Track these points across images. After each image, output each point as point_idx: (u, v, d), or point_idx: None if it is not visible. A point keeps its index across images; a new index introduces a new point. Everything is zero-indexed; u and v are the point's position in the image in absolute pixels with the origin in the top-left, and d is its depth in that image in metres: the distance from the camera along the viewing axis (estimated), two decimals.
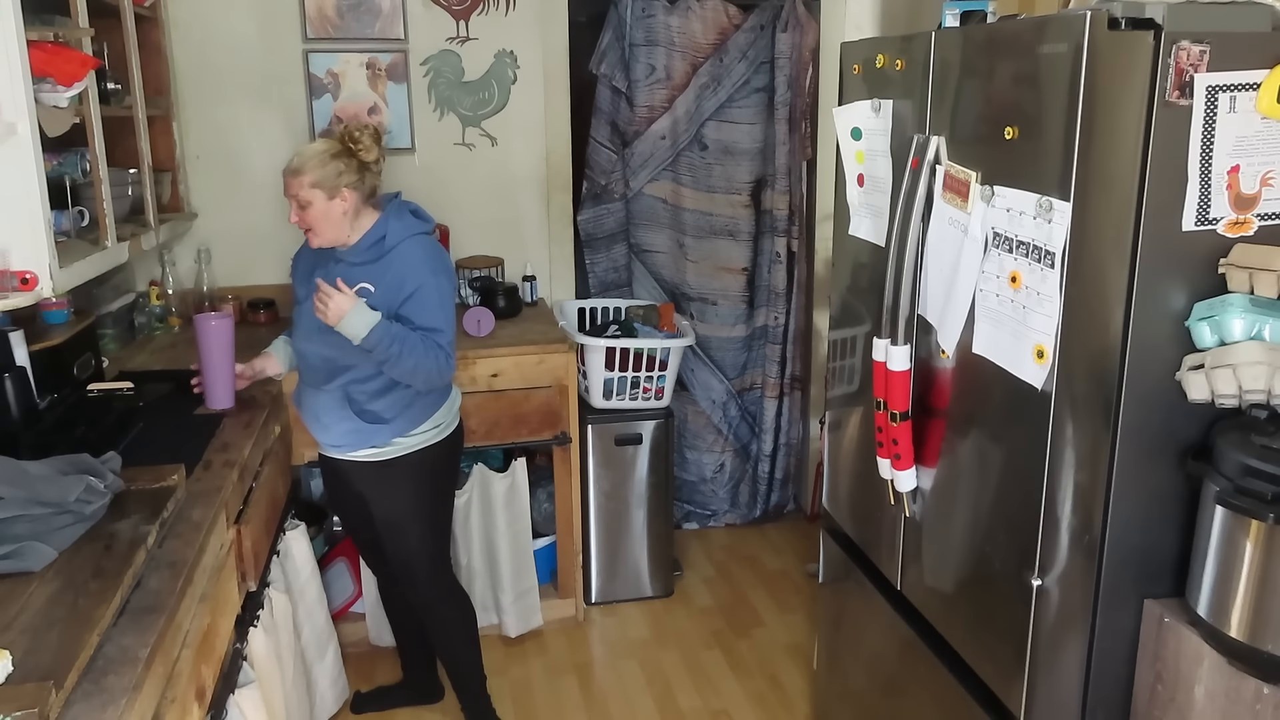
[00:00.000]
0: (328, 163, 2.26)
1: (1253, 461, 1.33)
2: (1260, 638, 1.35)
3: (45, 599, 1.46)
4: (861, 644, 2.32)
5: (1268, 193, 1.42)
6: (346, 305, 2.20)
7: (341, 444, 2.43)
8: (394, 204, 2.39)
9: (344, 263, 2.34)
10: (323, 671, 2.70)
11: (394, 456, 2.41)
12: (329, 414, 2.40)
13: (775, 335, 3.95)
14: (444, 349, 2.30)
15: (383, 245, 2.32)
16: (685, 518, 4.07)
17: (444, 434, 2.48)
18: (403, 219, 2.36)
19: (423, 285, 2.29)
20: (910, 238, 1.85)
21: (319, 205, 2.27)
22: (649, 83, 3.69)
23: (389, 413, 2.37)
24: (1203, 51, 1.35)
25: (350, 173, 2.28)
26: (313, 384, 2.42)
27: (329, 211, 2.28)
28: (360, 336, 2.20)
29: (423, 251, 2.34)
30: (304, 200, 2.27)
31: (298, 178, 2.26)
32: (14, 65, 1.81)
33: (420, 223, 2.40)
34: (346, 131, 2.30)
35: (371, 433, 2.38)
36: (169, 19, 3.16)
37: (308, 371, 2.44)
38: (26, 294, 1.88)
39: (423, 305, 2.29)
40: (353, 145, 2.28)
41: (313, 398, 2.43)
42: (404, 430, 2.40)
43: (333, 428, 2.41)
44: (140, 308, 3.21)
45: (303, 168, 2.26)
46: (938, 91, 1.82)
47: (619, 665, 3.14)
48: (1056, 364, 1.54)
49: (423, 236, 2.37)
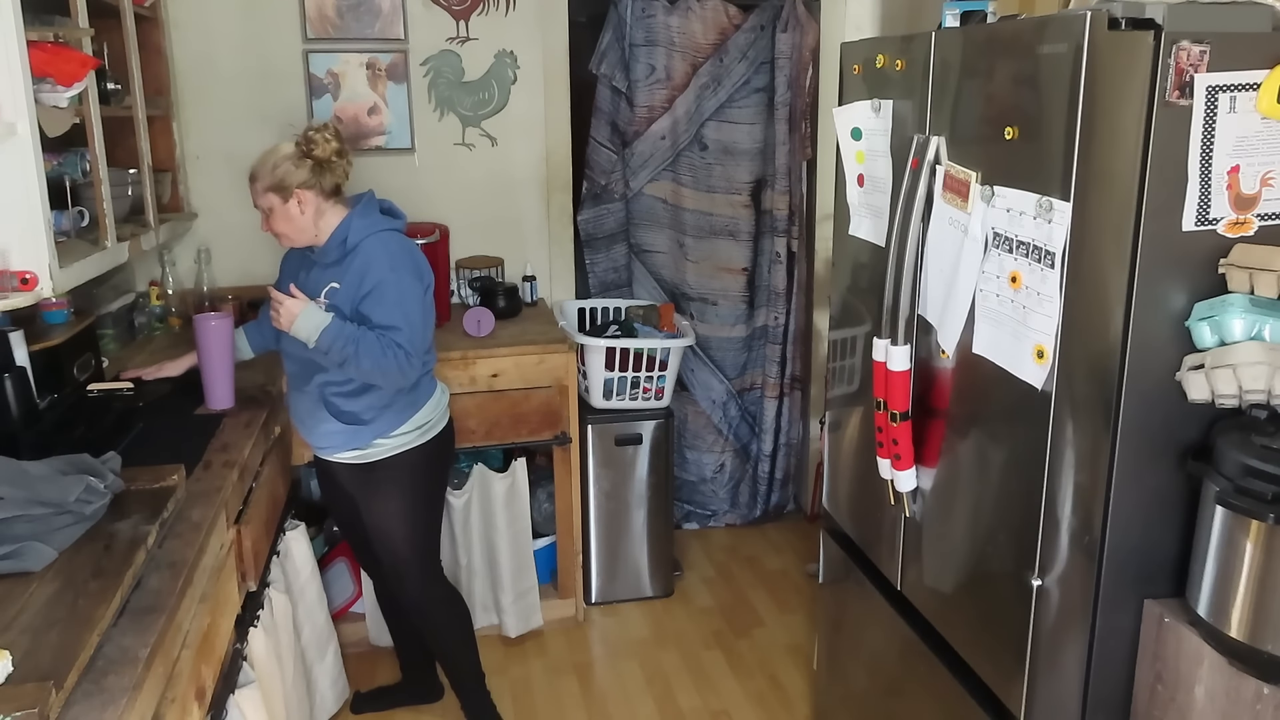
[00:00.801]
0: (280, 165, 2.25)
1: (1253, 461, 1.33)
2: (1260, 638, 1.35)
3: (45, 599, 1.46)
4: (861, 644, 2.32)
5: (1268, 193, 1.42)
6: (296, 309, 2.20)
7: (325, 445, 2.43)
8: (362, 202, 2.37)
9: (317, 264, 2.34)
10: (323, 671, 2.70)
11: (378, 459, 2.41)
12: (310, 415, 2.40)
13: (775, 335, 3.95)
14: (403, 347, 2.25)
15: (346, 244, 2.30)
16: (685, 518, 4.07)
17: (429, 435, 2.46)
18: (368, 216, 2.33)
19: (381, 282, 2.26)
20: (910, 238, 1.85)
21: (277, 209, 2.27)
22: (649, 83, 3.69)
23: (367, 414, 2.36)
24: (1203, 51, 1.34)
25: (303, 172, 2.25)
26: (295, 385, 2.43)
27: (288, 214, 2.27)
28: (313, 340, 2.20)
29: (383, 248, 2.30)
30: (264, 206, 2.28)
31: (253, 185, 2.27)
32: (14, 65, 1.81)
33: (387, 219, 2.37)
34: (301, 133, 2.29)
35: (352, 434, 2.38)
36: (169, 19, 3.16)
37: (290, 372, 2.45)
38: (26, 294, 1.88)
39: (379, 302, 2.25)
40: (307, 145, 2.26)
41: (296, 399, 2.45)
42: (385, 431, 2.38)
43: (315, 429, 2.41)
44: (140, 308, 3.20)
45: (255, 173, 2.27)
46: (938, 91, 1.82)
47: (619, 665, 3.14)
48: (1056, 364, 1.54)
49: (387, 233, 2.33)
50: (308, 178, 2.26)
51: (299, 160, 2.26)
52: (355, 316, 2.27)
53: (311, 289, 2.31)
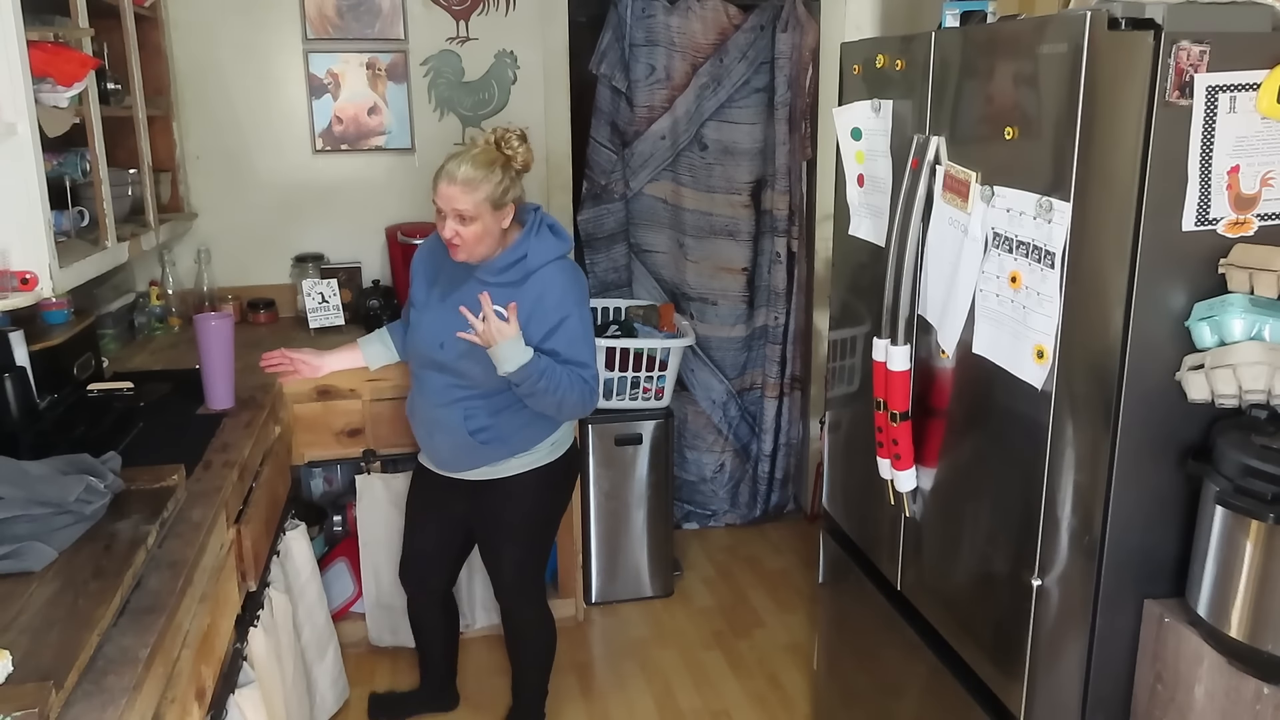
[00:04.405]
0: (496, 174, 2.10)
1: (1253, 461, 1.33)
2: (1260, 638, 1.35)
3: (45, 599, 1.45)
4: (861, 644, 2.32)
5: (1268, 193, 1.42)
6: (509, 333, 2.06)
7: (454, 464, 2.34)
8: (534, 219, 2.23)
9: (478, 280, 2.19)
10: (323, 671, 2.70)
11: (506, 475, 2.33)
12: (442, 431, 2.30)
13: (775, 335, 3.95)
14: (589, 384, 2.18)
15: (524, 266, 2.17)
16: (685, 518, 4.07)
17: (559, 452, 2.39)
18: (543, 238, 2.21)
19: (569, 316, 2.17)
20: (910, 238, 1.85)
21: (485, 221, 2.10)
22: (649, 83, 3.69)
23: (506, 431, 2.27)
24: (1203, 51, 1.35)
25: (515, 185, 2.14)
26: (431, 399, 2.31)
27: (492, 228, 2.12)
28: (511, 368, 2.08)
29: (566, 279, 2.20)
30: (470, 215, 2.09)
31: (471, 192, 2.08)
32: (14, 65, 1.81)
33: (560, 243, 2.25)
34: (498, 135, 2.14)
35: (487, 451, 2.29)
36: (169, 19, 3.16)
37: (423, 381, 2.33)
38: (26, 294, 1.88)
39: (571, 338, 2.17)
40: (508, 151, 2.12)
41: (427, 413, 2.33)
42: (518, 449, 2.30)
43: (445, 446, 2.32)
44: (140, 308, 3.21)
45: (476, 181, 2.08)
46: (938, 92, 1.82)
47: (619, 665, 3.14)
48: (1056, 364, 1.54)
49: (564, 261, 2.24)
50: (519, 191, 2.15)
51: (506, 168, 2.12)
52: (536, 349, 2.14)
53: (469, 302, 2.16)
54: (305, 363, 2.53)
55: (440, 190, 2.12)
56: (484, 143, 2.18)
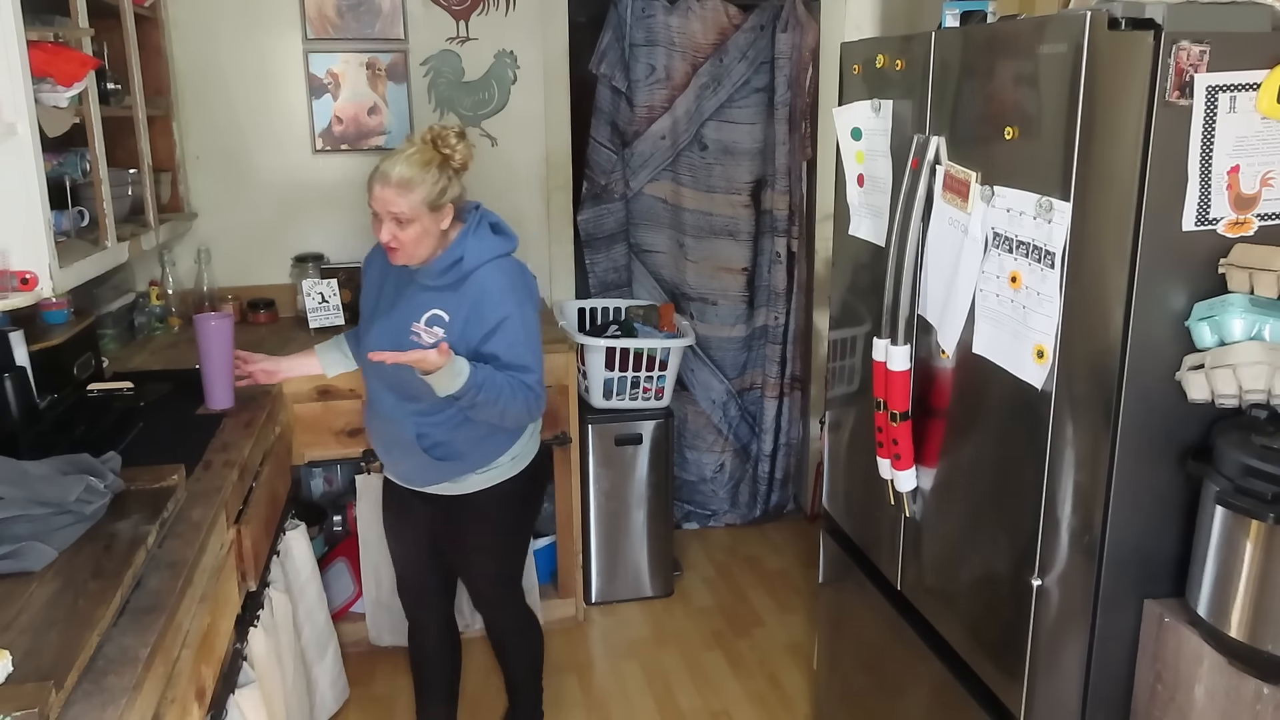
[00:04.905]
0: (433, 174, 2.01)
1: (1253, 461, 1.33)
2: (1260, 638, 1.35)
3: (45, 599, 1.45)
4: (861, 644, 2.32)
5: (1268, 193, 1.42)
6: (440, 363, 1.96)
7: (414, 479, 2.28)
8: (473, 218, 2.14)
9: (417, 283, 2.12)
10: (323, 671, 2.70)
11: (468, 492, 2.25)
12: (398, 446, 2.22)
13: (775, 335, 3.95)
14: (533, 389, 2.08)
15: (460, 268, 2.08)
16: (685, 518, 4.07)
17: (520, 466, 2.29)
18: (482, 238, 2.11)
19: (508, 318, 2.07)
20: (910, 238, 1.85)
21: (423, 223, 2.02)
22: (649, 83, 3.69)
23: (463, 447, 2.18)
24: (1203, 51, 1.35)
25: (454, 184, 2.05)
26: (383, 414, 2.23)
27: (431, 229, 2.04)
28: (452, 391, 2.00)
29: (507, 279, 2.10)
30: (407, 218, 2.01)
31: (407, 194, 1.99)
32: (14, 65, 1.81)
33: (502, 241, 2.15)
34: (435, 133, 2.06)
35: (444, 468, 2.21)
36: (169, 19, 3.16)
37: (374, 395, 2.26)
38: (26, 294, 1.88)
39: (510, 341, 2.07)
40: (445, 150, 2.04)
41: (382, 428, 2.26)
42: (478, 465, 2.21)
43: (402, 461, 2.26)
44: (140, 308, 3.21)
45: (412, 181, 1.99)
46: (938, 91, 1.82)
47: (619, 665, 3.14)
48: (1056, 364, 1.54)
49: (505, 260, 2.13)
50: (458, 191, 2.05)
51: (443, 167, 2.03)
52: (471, 352, 2.06)
53: (409, 310, 2.12)
54: (262, 370, 2.46)
55: (375, 193, 2.03)
56: (420, 141, 2.08)
